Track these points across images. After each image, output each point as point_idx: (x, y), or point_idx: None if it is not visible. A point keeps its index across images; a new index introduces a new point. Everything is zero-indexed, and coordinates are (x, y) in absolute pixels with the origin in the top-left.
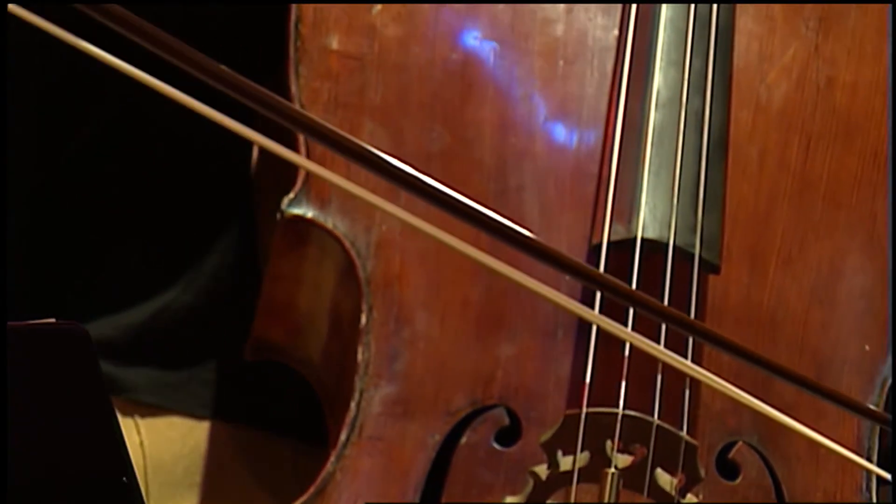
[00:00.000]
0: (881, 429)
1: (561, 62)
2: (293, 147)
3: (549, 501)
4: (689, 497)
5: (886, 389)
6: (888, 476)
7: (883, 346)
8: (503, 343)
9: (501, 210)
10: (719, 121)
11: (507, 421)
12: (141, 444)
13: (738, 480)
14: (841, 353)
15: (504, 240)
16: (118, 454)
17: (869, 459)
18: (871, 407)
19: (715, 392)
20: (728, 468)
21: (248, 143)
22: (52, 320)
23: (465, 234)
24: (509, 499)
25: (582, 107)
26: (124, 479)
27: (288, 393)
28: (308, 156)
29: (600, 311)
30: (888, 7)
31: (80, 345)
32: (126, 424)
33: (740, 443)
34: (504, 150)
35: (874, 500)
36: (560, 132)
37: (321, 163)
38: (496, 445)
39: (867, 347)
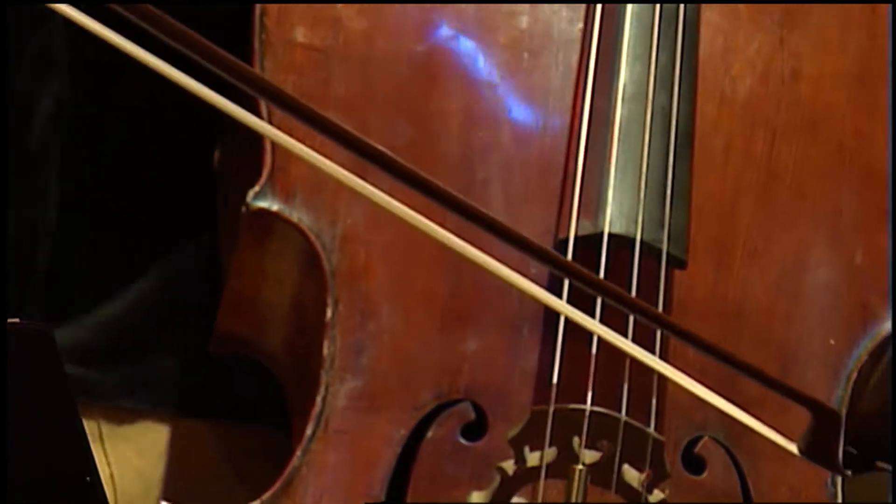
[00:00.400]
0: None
1: (526, 54)
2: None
3: (515, 497)
4: (656, 493)
5: (852, 383)
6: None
7: (848, 339)
8: (469, 337)
9: None
10: (685, 115)
11: (472, 415)
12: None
13: (704, 475)
14: (806, 346)
15: (467, 217)
16: (81, 454)
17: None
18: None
19: (682, 387)
20: (694, 463)
21: (213, 139)
22: (16, 320)
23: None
24: (475, 494)
25: (548, 99)
26: (87, 478)
27: (258, 384)
28: (273, 147)
29: (567, 303)
30: (888, 7)
31: (44, 344)
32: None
33: (706, 438)
34: (470, 143)
35: (839, 495)
36: (526, 125)
37: (286, 153)
38: (462, 440)
39: (832, 341)
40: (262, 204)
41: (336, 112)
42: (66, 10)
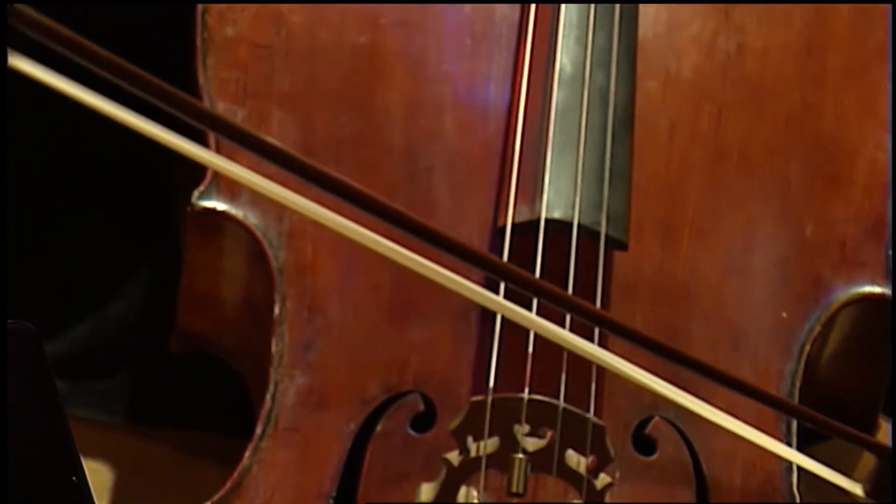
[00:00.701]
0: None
1: (469, 40)
2: (203, 142)
3: (463, 487)
4: (602, 477)
5: (805, 356)
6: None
7: (800, 312)
8: (416, 328)
9: (412, 193)
10: (624, 97)
11: (421, 407)
12: None
13: (656, 456)
14: (757, 322)
15: (405, 230)
16: (68, 453)
17: (788, 432)
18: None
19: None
20: (645, 444)
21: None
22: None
23: (377, 226)
24: (425, 486)
25: (490, 85)
26: (74, 478)
27: (218, 391)
28: (217, 146)
29: (505, 297)
30: (888, 7)
31: (31, 344)
32: None
33: (656, 418)
34: (414, 133)
35: (794, 466)
36: (469, 111)
37: (230, 151)
38: (412, 432)
39: (784, 315)
40: (207, 203)
41: (280, 108)
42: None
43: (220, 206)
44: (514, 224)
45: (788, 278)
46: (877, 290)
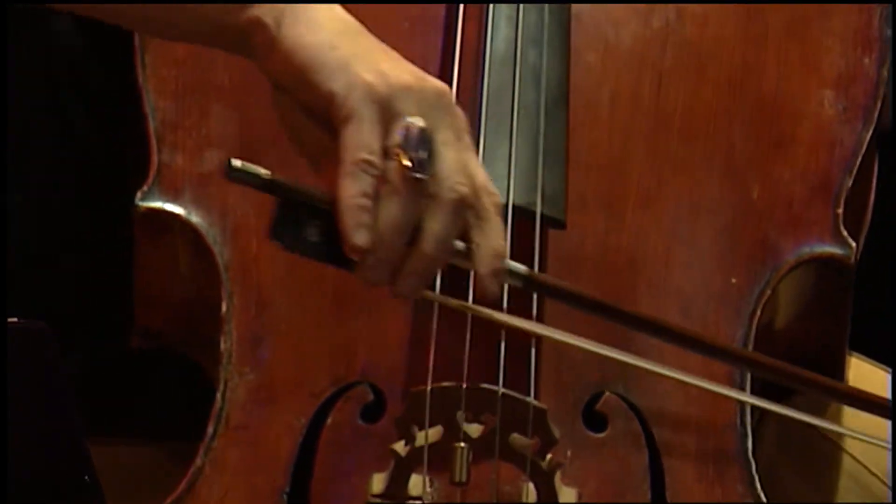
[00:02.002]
0: None
1: (406, 23)
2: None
3: (413, 476)
4: (549, 458)
5: (756, 320)
6: (762, 404)
7: (749, 276)
8: (362, 318)
9: None
10: (557, 74)
11: (371, 397)
12: None
13: (607, 431)
14: (706, 289)
15: None
16: (80, 453)
17: (742, 389)
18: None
19: (578, 348)
20: (596, 420)
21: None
22: (14, 319)
23: None
24: (376, 477)
25: (427, 69)
26: (86, 477)
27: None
28: (158, 146)
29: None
30: (888, 7)
31: (43, 342)
32: None
33: (606, 393)
34: None
35: (748, 431)
36: None
37: (172, 150)
38: (362, 422)
39: (734, 280)
40: (151, 204)
41: (219, 102)
42: None
43: (163, 205)
44: None
45: (736, 243)
46: (826, 250)
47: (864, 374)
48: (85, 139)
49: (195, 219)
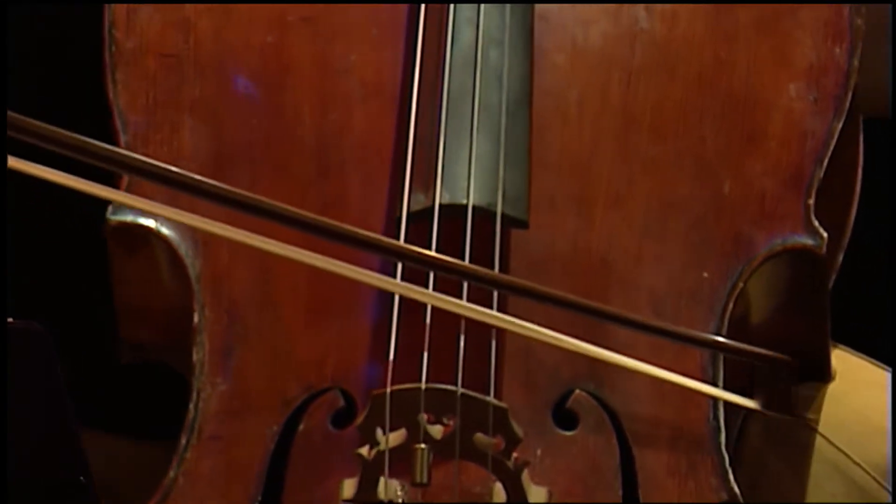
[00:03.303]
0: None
1: (375, 30)
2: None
3: (382, 480)
4: (514, 458)
5: (728, 314)
6: (738, 400)
7: (722, 271)
8: (332, 325)
9: (324, 190)
10: (519, 74)
11: (341, 402)
12: None
13: (578, 429)
14: (678, 285)
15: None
16: (76, 453)
17: (715, 385)
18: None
19: (548, 346)
20: (566, 419)
21: None
22: (10, 319)
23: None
24: (347, 482)
25: (396, 74)
26: (82, 478)
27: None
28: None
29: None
30: (888, 7)
31: (39, 343)
32: None
33: (577, 391)
34: (324, 129)
35: (721, 425)
36: (377, 102)
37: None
38: (333, 429)
39: (706, 275)
40: (122, 217)
41: (191, 116)
42: None
43: (134, 219)
44: (411, 212)
45: (708, 238)
46: (798, 241)
47: (851, 367)
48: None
49: (166, 231)
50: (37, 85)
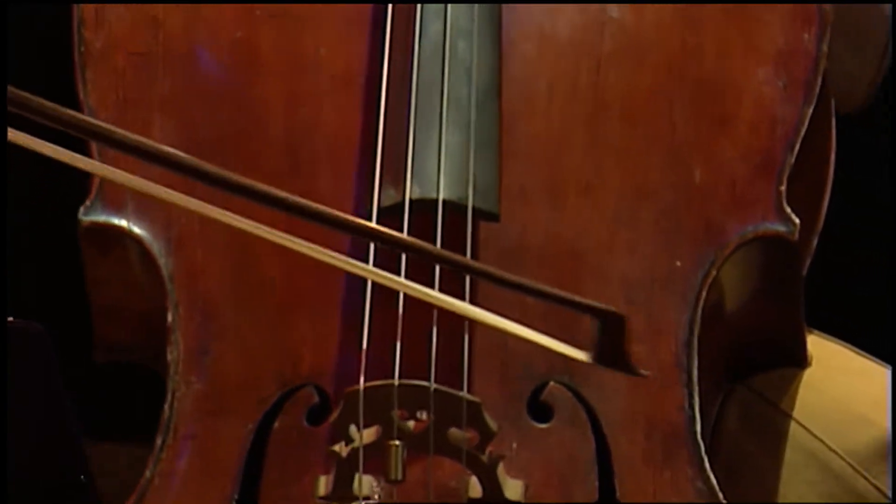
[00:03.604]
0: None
1: (343, 24)
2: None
3: (357, 476)
4: (489, 452)
5: (701, 303)
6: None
7: (694, 259)
8: (307, 321)
9: (295, 185)
10: (488, 65)
11: (316, 398)
12: None
13: (552, 422)
14: (650, 273)
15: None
16: (76, 453)
17: (689, 374)
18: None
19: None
20: (541, 411)
21: None
22: (10, 319)
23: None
24: (322, 479)
25: (365, 67)
26: (82, 477)
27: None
28: (101, 159)
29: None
30: (888, 7)
31: (40, 344)
32: None
33: (551, 383)
34: (294, 123)
35: (696, 414)
36: (347, 96)
37: (114, 163)
38: (308, 425)
39: (678, 263)
40: (94, 218)
41: (161, 113)
42: None
43: (107, 219)
44: (382, 207)
45: (680, 226)
46: (770, 228)
47: (830, 354)
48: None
49: (139, 231)
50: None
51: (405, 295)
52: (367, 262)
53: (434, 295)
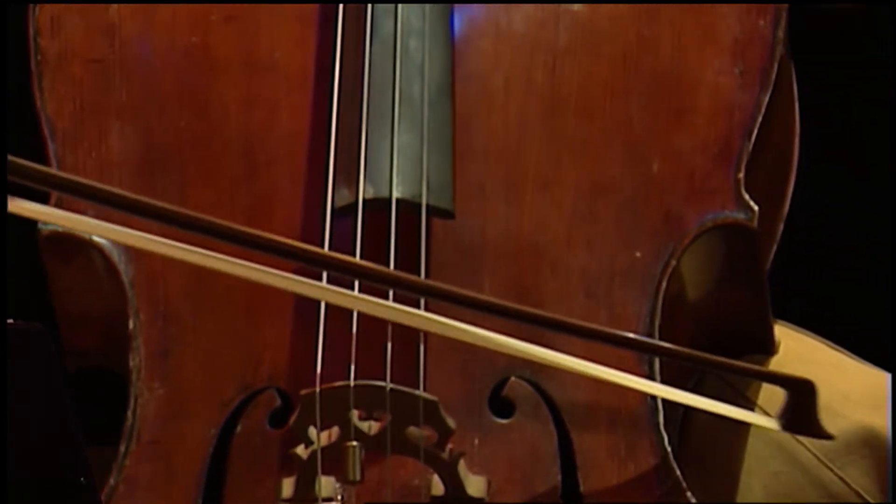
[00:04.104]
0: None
1: (298, 24)
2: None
3: (319, 478)
4: (448, 449)
5: (662, 293)
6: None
7: (654, 249)
8: (267, 324)
9: (253, 189)
10: (440, 64)
11: (278, 401)
12: None
13: (514, 416)
14: (610, 266)
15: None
16: (77, 454)
17: (650, 365)
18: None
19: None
20: (502, 406)
21: None
22: (10, 320)
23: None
24: (285, 482)
25: (320, 68)
26: (82, 478)
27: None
28: (59, 167)
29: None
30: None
31: (41, 344)
32: None
33: (512, 378)
34: (251, 127)
35: (659, 406)
36: (303, 97)
37: (73, 171)
38: (270, 428)
39: (638, 254)
40: (53, 228)
41: (119, 120)
42: None
43: (66, 228)
44: (336, 207)
45: (639, 217)
46: (729, 216)
47: (801, 345)
48: None
49: (98, 239)
50: None
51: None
52: (320, 277)
53: (389, 305)
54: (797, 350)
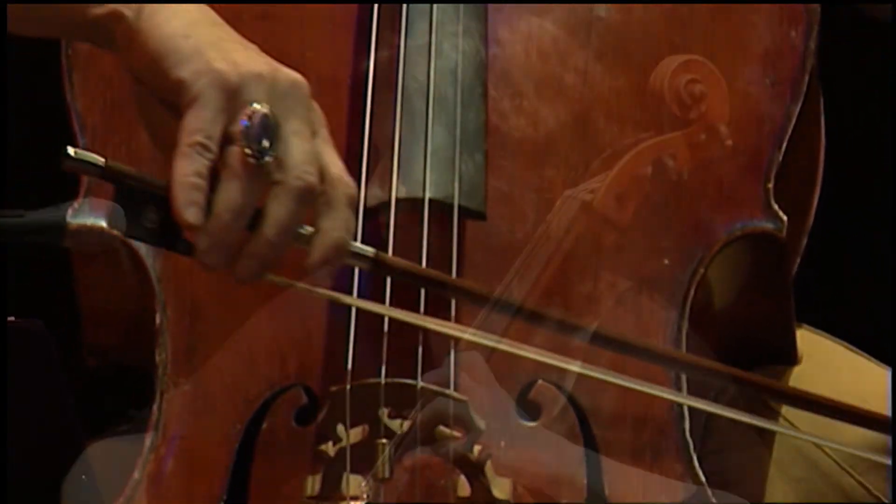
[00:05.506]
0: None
1: (329, 25)
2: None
3: (345, 476)
4: (476, 449)
5: (689, 301)
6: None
7: (682, 257)
8: (295, 321)
9: None
10: (474, 67)
11: (304, 399)
12: None
13: (541, 419)
14: (638, 272)
15: None
16: (76, 453)
17: (678, 383)
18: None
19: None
20: (529, 409)
21: None
22: (11, 318)
23: None
24: (310, 479)
25: (351, 68)
26: (84, 477)
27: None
28: None
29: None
30: (889, 6)
31: (40, 341)
32: None
33: (539, 382)
34: None
35: (685, 412)
36: (333, 98)
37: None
38: (296, 425)
39: (666, 262)
40: (82, 221)
41: None
42: None
43: (94, 221)
44: (368, 207)
45: (668, 224)
46: (757, 225)
47: (821, 350)
48: (19, 158)
49: None
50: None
51: (392, 296)
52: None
53: (420, 317)
54: (814, 352)
